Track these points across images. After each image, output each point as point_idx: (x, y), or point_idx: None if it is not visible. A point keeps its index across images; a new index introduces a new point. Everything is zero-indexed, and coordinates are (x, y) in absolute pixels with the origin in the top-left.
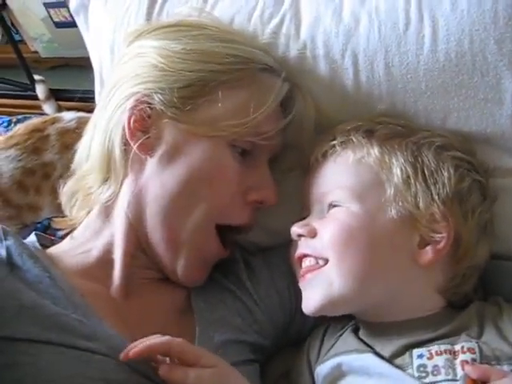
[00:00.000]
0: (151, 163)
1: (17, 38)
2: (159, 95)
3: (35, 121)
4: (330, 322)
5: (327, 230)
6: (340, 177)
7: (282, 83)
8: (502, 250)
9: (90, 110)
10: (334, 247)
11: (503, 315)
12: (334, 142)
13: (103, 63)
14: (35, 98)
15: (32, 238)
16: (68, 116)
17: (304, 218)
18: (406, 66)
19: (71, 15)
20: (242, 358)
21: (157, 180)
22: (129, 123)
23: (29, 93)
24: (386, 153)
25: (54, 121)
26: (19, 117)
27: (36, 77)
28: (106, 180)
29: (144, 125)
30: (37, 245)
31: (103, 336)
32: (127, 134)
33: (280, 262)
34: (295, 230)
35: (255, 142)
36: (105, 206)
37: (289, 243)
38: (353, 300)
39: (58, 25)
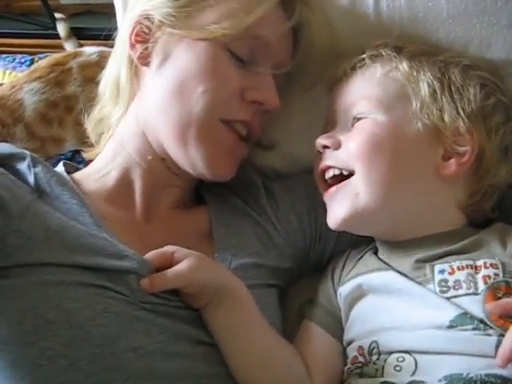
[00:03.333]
0: (150, 74)
1: None
2: (158, 9)
3: (57, 55)
4: (351, 249)
5: (353, 141)
6: (367, 88)
7: None
8: None
9: (111, 47)
10: (360, 157)
11: None
12: (364, 56)
13: None
14: (57, 37)
15: (60, 168)
16: (89, 50)
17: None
18: None
19: None
20: (260, 281)
21: (155, 86)
22: (130, 37)
23: (50, 31)
24: (414, 68)
25: (76, 55)
26: (41, 55)
27: (57, 15)
28: (117, 102)
29: (144, 38)
30: (64, 173)
31: (130, 255)
32: (129, 47)
33: (300, 187)
34: (320, 141)
35: (253, 45)
36: (118, 127)
37: (309, 171)
38: (378, 212)
39: None
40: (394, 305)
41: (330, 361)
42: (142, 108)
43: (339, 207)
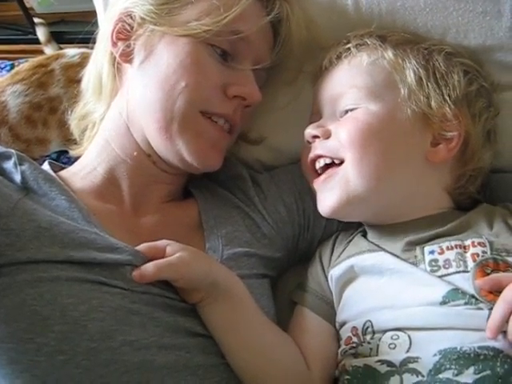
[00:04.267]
0: (132, 70)
1: None
2: (139, 6)
3: (40, 57)
4: (339, 232)
5: (345, 129)
6: (354, 77)
7: None
8: (504, 163)
9: (92, 49)
10: (352, 145)
11: None
12: (349, 45)
13: None
14: (36, 41)
15: (46, 167)
16: (72, 52)
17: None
18: None
19: None
20: (253, 271)
21: (138, 82)
22: (111, 35)
23: (30, 36)
24: (399, 56)
25: (58, 56)
26: (21, 61)
27: (36, 19)
28: (99, 99)
29: (126, 35)
30: (51, 172)
31: (122, 247)
32: (110, 45)
33: (287, 178)
34: (309, 131)
35: (233, 41)
36: (102, 124)
37: (295, 162)
38: (368, 198)
39: None
40: (386, 284)
41: (324, 345)
42: (125, 104)
43: (330, 194)
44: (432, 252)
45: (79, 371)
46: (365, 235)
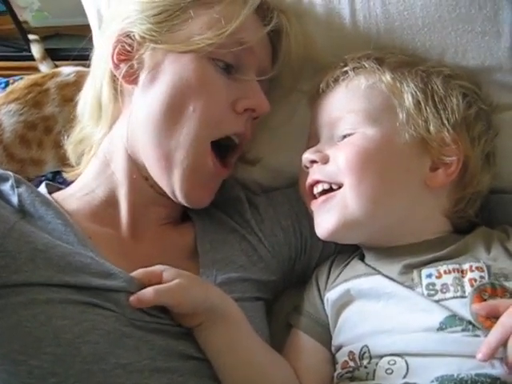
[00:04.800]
0: (137, 91)
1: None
2: (138, 26)
3: (34, 76)
4: (336, 255)
5: (343, 155)
6: (352, 102)
7: None
8: (504, 183)
9: (88, 67)
10: (350, 171)
11: (510, 238)
12: (347, 68)
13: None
14: (31, 58)
15: (42, 189)
16: (67, 70)
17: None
18: (402, 3)
19: None
20: (246, 294)
21: (143, 104)
22: (112, 56)
23: (24, 53)
24: (397, 79)
25: (53, 75)
26: (16, 78)
27: (31, 36)
28: (99, 122)
29: (127, 56)
30: (47, 194)
31: (116, 273)
32: (112, 67)
33: (284, 200)
34: (307, 156)
35: (237, 52)
36: (101, 146)
37: (292, 183)
38: (366, 223)
39: None
40: (383, 309)
41: (319, 368)
42: (127, 126)
43: (328, 217)
44: (429, 275)
45: None
46: (362, 258)
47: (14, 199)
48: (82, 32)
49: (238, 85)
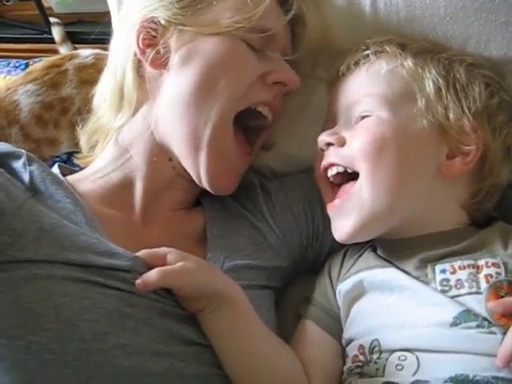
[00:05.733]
0: (165, 75)
1: None
2: (162, 11)
3: (53, 57)
4: (348, 246)
5: (358, 140)
6: (371, 85)
7: None
8: None
9: (107, 50)
10: (365, 157)
11: None
12: (368, 52)
13: None
14: (52, 41)
15: (55, 170)
16: (85, 52)
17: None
18: None
19: None
20: (253, 282)
21: (174, 85)
22: (137, 43)
23: (45, 36)
24: (419, 65)
25: (72, 57)
26: (36, 60)
27: (52, 19)
28: (119, 109)
29: (153, 41)
30: (59, 175)
31: (120, 253)
32: (138, 53)
33: (296, 186)
34: (323, 138)
35: (262, 38)
36: (121, 133)
37: (306, 169)
38: (383, 217)
39: None
40: (396, 302)
41: (328, 360)
42: (154, 110)
43: (346, 221)
44: (443, 271)
45: (67, 371)
46: (375, 249)
47: (26, 177)
48: (104, 19)
49: (267, 61)
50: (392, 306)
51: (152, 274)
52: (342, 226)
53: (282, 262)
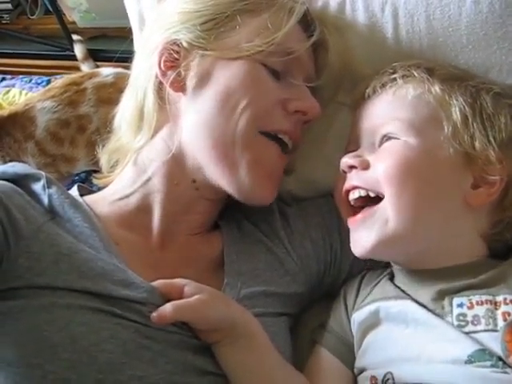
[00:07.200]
0: (185, 98)
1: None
2: (185, 33)
3: (73, 75)
4: (365, 272)
5: (383, 162)
6: (398, 109)
7: (301, 5)
8: None
9: (128, 69)
10: (391, 180)
11: None
12: (396, 75)
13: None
14: (74, 58)
15: (74, 191)
16: (106, 71)
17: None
18: (447, 19)
19: None
20: (269, 309)
21: (195, 108)
22: (159, 64)
23: (67, 53)
24: (447, 91)
25: (92, 75)
26: (58, 76)
27: (74, 36)
28: (139, 130)
29: (174, 63)
30: (78, 197)
31: (138, 283)
32: (159, 74)
33: (315, 212)
34: (346, 160)
35: (285, 61)
36: (140, 154)
37: (324, 193)
38: (404, 240)
39: None
40: (411, 335)
41: None
42: (175, 134)
43: (367, 235)
44: (461, 305)
45: None
46: (391, 278)
47: (45, 199)
48: (129, 34)
49: (289, 89)
50: (407, 339)
51: (167, 308)
52: (362, 240)
53: (299, 288)
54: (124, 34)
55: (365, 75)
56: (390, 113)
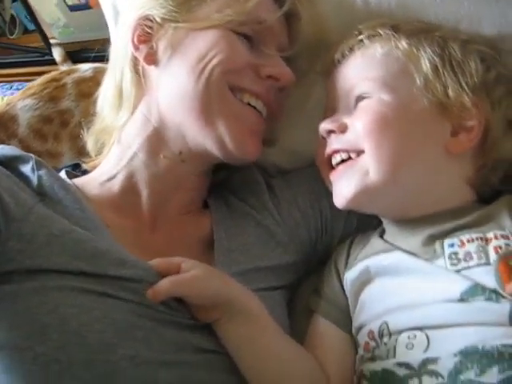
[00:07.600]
0: (159, 70)
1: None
2: (157, 8)
3: (52, 73)
4: (355, 235)
5: (360, 121)
6: (368, 69)
7: None
8: None
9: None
10: (369, 135)
11: None
12: (362, 37)
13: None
14: (53, 63)
15: (62, 175)
16: (84, 67)
17: None
18: None
19: None
20: (262, 284)
21: (167, 79)
22: (132, 39)
23: (46, 57)
24: (414, 45)
25: (71, 72)
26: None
27: (52, 40)
28: (120, 108)
29: (147, 37)
30: (68, 179)
31: (133, 262)
32: (132, 49)
33: (302, 181)
34: (324, 126)
35: (257, 30)
36: (123, 132)
37: (310, 164)
38: (386, 190)
39: (72, 8)
40: (403, 284)
41: (341, 354)
42: (154, 106)
43: (347, 185)
44: (452, 245)
45: (74, 382)
46: (381, 235)
47: (34, 181)
48: (108, 46)
49: (262, 57)
50: (399, 288)
51: (163, 284)
52: (343, 190)
53: (291, 258)
54: (103, 47)
55: (337, 41)
56: (360, 73)
